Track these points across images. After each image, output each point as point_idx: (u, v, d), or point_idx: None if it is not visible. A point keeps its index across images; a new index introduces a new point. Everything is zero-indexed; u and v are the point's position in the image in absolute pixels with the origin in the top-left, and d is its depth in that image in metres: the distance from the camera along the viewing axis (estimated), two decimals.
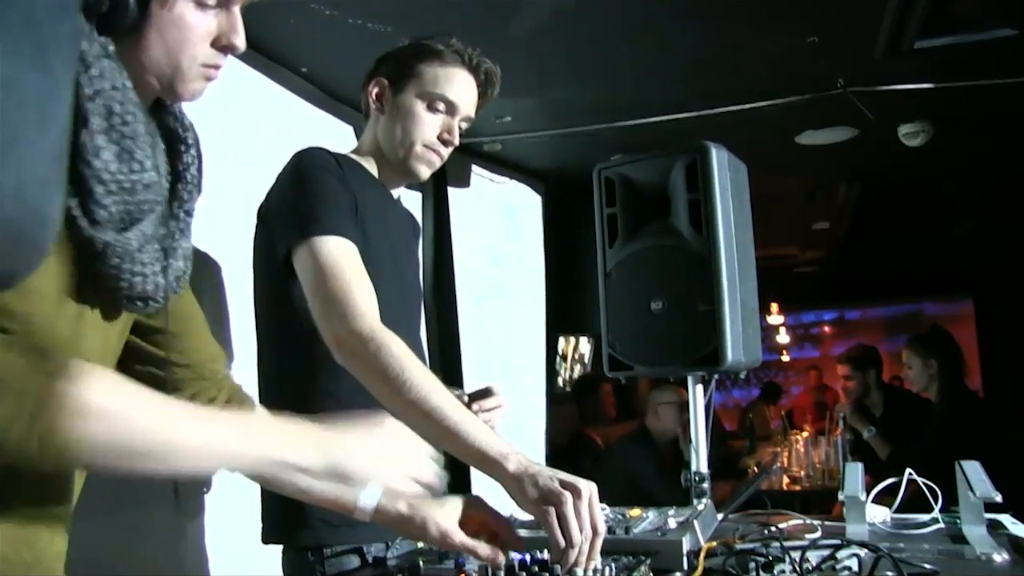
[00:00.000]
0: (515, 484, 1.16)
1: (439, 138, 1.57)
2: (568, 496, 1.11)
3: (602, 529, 1.13)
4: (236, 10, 0.93)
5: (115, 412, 0.75)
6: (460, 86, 1.57)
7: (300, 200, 1.43)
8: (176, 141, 0.96)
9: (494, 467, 1.19)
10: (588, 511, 1.11)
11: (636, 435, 3.96)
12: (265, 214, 1.52)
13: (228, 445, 0.85)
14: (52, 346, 0.79)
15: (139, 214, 0.87)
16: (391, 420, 1.05)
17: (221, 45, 0.92)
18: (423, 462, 1.05)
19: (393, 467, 1.00)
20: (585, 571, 1.09)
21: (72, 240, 0.81)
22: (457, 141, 1.60)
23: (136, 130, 0.85)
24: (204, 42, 0.91)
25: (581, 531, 1.10)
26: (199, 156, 0.99)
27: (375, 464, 0.98)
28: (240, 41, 0.93)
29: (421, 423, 1.25)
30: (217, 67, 0.94)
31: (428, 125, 1.56)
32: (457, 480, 1.22)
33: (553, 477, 1.14)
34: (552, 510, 1.10)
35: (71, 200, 0.80)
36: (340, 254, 1.38)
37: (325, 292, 1.35)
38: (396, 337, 1.30)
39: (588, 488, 1.13)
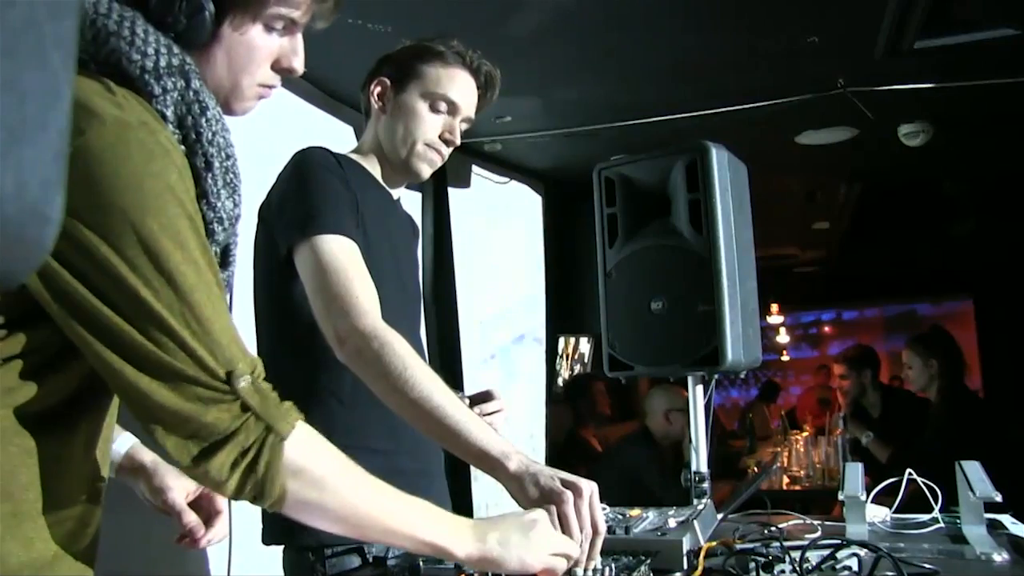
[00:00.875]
0: (516, 483, 1.17)
1: (441, 137, 1.58)
2: (569, 495, 1.11)
3: (602, 528, 1.13)
4: (299, 34, 0.95)
5: (328, 484, 0.89)
6: (462, 87, 1.58)
7: (301, 199, 1.43)
8: None
9: (495, 466, 1.19)
10: (588, 510, 1.11)
11: (637, 436, 3.96)
12: (266, 213, 1.52)
13: (408, 529, 0.95)
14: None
15: (228, 242, 0.90)
16: (542, 515, 1.09)
17: (281, 67, 0.94)
18: (565, 555, 1.07)
19: (537, 557, 1.04)
20: (585, 570, 1.09)
21: None
22: (458, 141, 1.61)
23: (235, 161, 0.87)
24: (266, 63, 0.93)
25: (581, 530, 1.10)
26: None
27: (520, 554, 1.02)
28: (299, 65, 0.95)
29: (423, 421, 1.26)
30: (271, 87, 0.95)
31: (430, 124, 1.57)
32: (457, 479, 1.22)
33: (554, 476, 1.15)
34: (552, 509, 1.11)
35: None
36: (342, 252, 1.38)
37: (327, 290, 1.35)
38: (399, 335, 1.30)
39: (589, 487, 1.13)
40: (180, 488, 1.22)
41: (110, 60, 0.79)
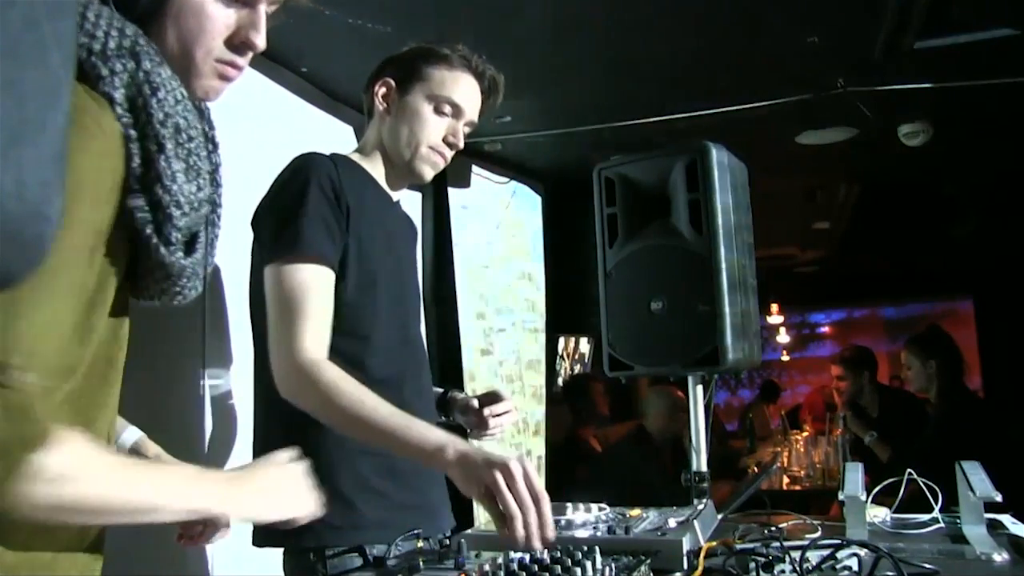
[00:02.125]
0: (455, 472, 1.19)
1: (444, 140, 1.59)
2: (498, 476, 1.12)
3: (543, 496, 1.13)
4: (261, 8, 0.90)
5: (81, 478, 0.74)
6: (466, 90, 1.59)
7: (281, 216, 1.44)
8: (207, 141, 0.94)
9: (434, 460, 1.22)
10: (523, 483, 1.12)
11: (635, 436, 3.96)
12: (254, 223, 1.53)
13: (173, 501, 0.84)
14: (54, 378, 0.78)
15: (197, 228, 0.87)
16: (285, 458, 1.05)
17: (239, 42, 0.89)
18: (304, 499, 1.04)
19: (275, 506, 0.98)
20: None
21: (141, 265, 0.81)
22: (461, 144, 1.62)
23: (199, 143, 0.84)
24: (221, 37, 0.88)
25: (521, 504, 1.11)
26: None
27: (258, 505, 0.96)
28: (260, 40, 0.90)
29: (362, 433, 1.31)
30: (234, 66, 0.90)
31: (434, 127, 1.57)
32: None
33: (484, 461, 1.15)
34: (487, 489, 1.13)
35: (148, 226, 0.79)
36: (305, 282, 1.39)
37: (277, 323, 1.38)
38: (329, 365, 1.34)
39: (518, 463, 1.14)
40: None
41: None
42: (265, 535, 1.51)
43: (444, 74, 1.58)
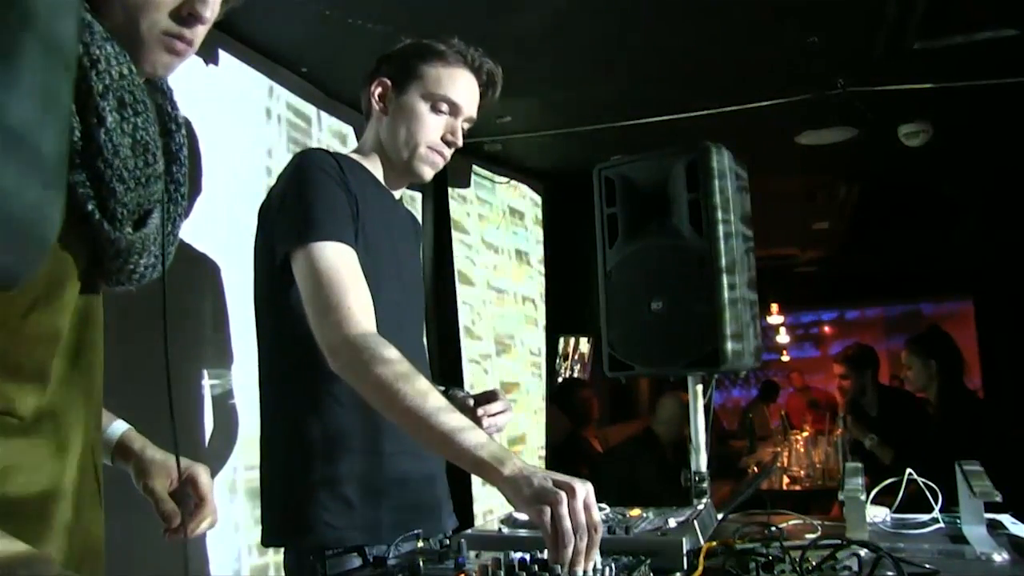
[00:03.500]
0: (510, 486, 1.16)
1: (442, 139, 1.57)
2: (563, 495, 1.10)
3: (599, 527, 1.12)
4: None
5: None
6: (463, 87, 1.57)
7: (299, 205, 1.43)
8: (167, 120, 0.92)
9: (490, 472, 1.19)
10: (584, 510, 1.11)
11: (641, 439, 3.96)
12: (264, 217, 1.52)
13: None
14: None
15: (149, 205, 0.85)
16: None
17: (185, 14, 0.86)
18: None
19: None
20: (585, 571, 1.09)
21: (88, 240, 0.79)
22: (460, 142, 1.60)
23: (147, 118, 0.82)
24: (166, 8, 0.86)
25: (576, 530, 1.10)
26: (192, 138, 0.95)
27: None
28: (207, 11, 0.87)
29: (416, 430, 1.26)
30: (182, 39, 0.88)
31: (432, 126, 1.56)
32: (459, 480, 1.22)
33: (547, 477, 1.14)
34: (547, 509, 1.10)
35: (89, 201, 0.78)
36: (338, 260, 1.37)
37: (320, 300, 1.35)
38: (390, 345, 1.30)
39: (584, 488, 1.12)
40: (161, 475, 1.18)
41: None
42: (271, 535, 1.51)
43: (440, 72, 1.56)
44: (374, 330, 1.33)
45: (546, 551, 1.13)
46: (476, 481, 3.16)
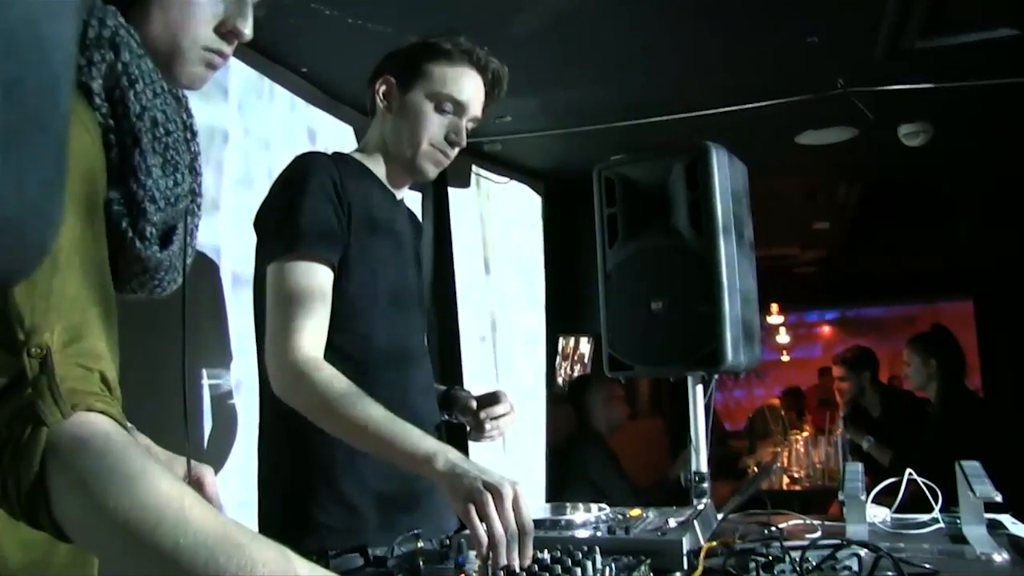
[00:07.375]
0: (443, 482, 1.17)
1: (446, 138, 1.57)
2: (488, 497, 1.10)
3: (530, 528, 1.12)
4: None
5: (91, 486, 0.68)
6: (468, 86, 1.57)
7: (281, 216, 1.43)
8: (185, 131, 0.92)
9: (423, 467, 1.20)
10: (512, 511, 1.11)
11: (584, 435, 4.02)
12: (256, 222, 1.53)
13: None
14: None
15: (174, 222, 0.86)
16: None
17: (226, 30, 0.88)
18: None
19: None
20: (524, 569, 1.08)
21: (120, 258, 0.80)
22: (464, 142, 1.60)
23: (177, 137, 0.83)
24: (208, 24, 0.87)
25: (506, 530, 1.09)
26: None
27: None
28: (247, 29, 0.89)
29: (353, 438, 1.29)
30: (221, 54, 0.90)
31: (436, 125, 1.56)
32: None
33: (479, 477, 1.14)
34: (473, 508, 1.11)
35: (124, 219, 0.79)
36: (302, 281, 1.38)
37: (275, 321, 1.37)
38: (324, 364, 1.33)
39: (511, 488, 1.12)
40: None
41: None
42: (271, 535, 1.51)
43: (445, 71, 1.55)
44: (319, 356, 1.35)
45: (547, 551, 1.13)
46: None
